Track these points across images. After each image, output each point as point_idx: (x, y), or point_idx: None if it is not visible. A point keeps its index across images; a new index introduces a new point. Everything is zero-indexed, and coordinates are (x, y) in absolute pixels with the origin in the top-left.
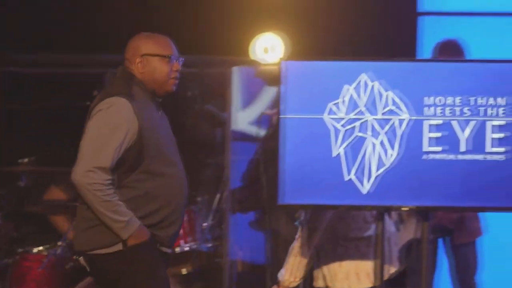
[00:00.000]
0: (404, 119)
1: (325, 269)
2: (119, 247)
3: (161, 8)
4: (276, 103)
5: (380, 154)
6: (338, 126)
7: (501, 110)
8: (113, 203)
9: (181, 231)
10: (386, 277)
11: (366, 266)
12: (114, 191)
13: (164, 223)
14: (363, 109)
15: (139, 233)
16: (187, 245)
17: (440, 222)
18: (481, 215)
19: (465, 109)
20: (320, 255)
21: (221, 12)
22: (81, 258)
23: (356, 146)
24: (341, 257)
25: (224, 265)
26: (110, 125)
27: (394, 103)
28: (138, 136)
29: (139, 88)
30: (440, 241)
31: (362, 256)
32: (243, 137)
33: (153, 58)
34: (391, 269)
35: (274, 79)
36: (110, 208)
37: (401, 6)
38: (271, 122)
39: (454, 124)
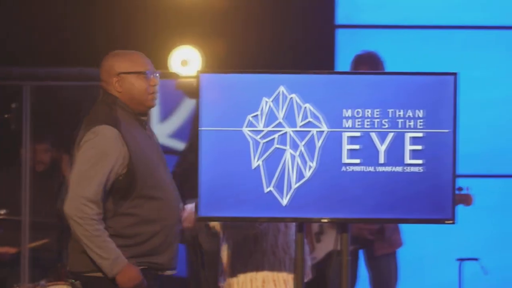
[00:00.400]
0: (323, 131)
1: (242, 276)
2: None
3: (76, 21)
4: (195, 116)
5: (299, 166)
6: (257, 138)
7: (419, 122)
8: (102, 239)
9: None
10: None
11: (283, 273)
12: (104, 226)
13: (163, 246)
14: (282, 121)
15: (128, 270)
16: None
17: (361, 233)
18: (401, 226)
19: (384, 121)
20: (235, 263)
21: (138, 24)
22: (77, 282)
23: (275, 158)
24: (257, 265)
25: None
26: (98, 156)
27: (312, 115)
28: (129, 163)
29: (122, 110)
30: (361, 252)
31: (280, 263)
32: (162, 150)
33: (129, 76)
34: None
35: (194, 91)
36: (98, 244)
37: (318, 19)
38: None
39: (373, 136)
